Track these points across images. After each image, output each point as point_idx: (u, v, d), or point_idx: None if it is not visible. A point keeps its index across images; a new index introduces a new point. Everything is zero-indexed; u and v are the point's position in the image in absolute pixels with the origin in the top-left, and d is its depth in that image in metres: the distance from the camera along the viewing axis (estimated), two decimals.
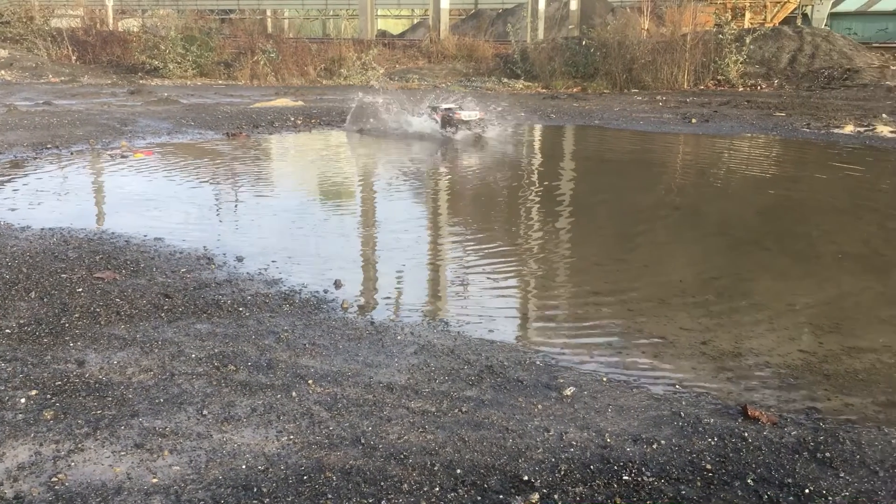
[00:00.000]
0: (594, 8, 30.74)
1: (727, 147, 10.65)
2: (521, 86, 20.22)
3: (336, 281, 4.79)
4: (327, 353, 3.70)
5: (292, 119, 12.53)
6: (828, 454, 2.90)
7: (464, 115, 10.99)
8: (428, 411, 3.15)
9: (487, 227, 6.42)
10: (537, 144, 11.57)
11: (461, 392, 3.35)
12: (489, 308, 4.48)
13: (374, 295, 4.70)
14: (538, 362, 3.71)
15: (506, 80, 21.00)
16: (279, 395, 3.23)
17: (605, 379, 3.55)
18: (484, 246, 5.86)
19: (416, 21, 38.00)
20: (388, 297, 4.67)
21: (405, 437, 2.93)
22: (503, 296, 4.73)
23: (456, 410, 3.17)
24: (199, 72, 20.87)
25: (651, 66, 19.48)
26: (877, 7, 31.39)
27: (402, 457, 2.79)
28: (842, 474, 2.75)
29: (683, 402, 3.33)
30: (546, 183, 8.17)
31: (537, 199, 7.40)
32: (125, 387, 3.27)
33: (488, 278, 5.05)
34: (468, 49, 23.11)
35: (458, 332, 4.07)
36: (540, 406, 3.24)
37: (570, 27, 28.59)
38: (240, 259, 5.23)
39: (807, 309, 4.53)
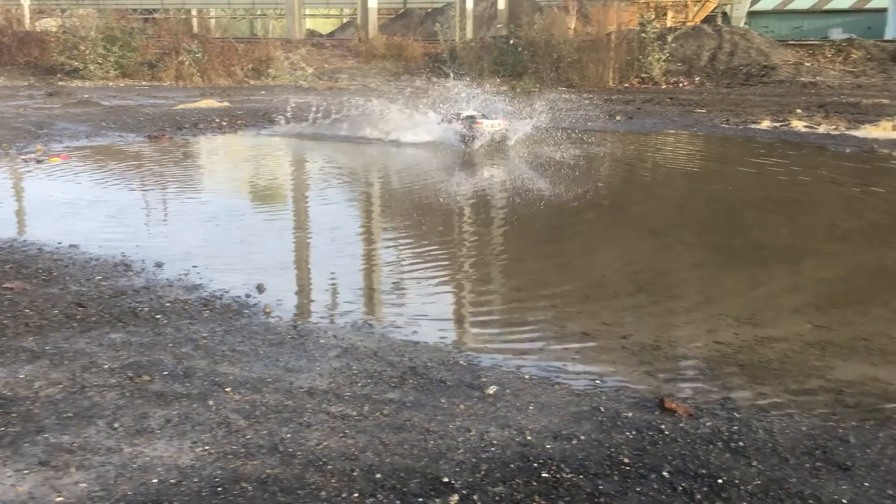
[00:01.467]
0: (522, 7, 31.00)
1: (650, 143, 10.87)
2: (450, 85, 20.24)
3: (259, 285, 4.70)
4: (247, 360, 3.63)
5: (217, 120, 12.29)
6: (741, 443, 2.97)
7: (486, 124, 9.80)
8: (349, 415, 3.12)
9: (415, 229, 6.40)
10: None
11: (383, 394, 3.32)
12: (415, 309, 4.46)
13: (298, 299, 4.64)
14: (462, 362, 3.70)
15: (435, 79, 21.00)
16: (195, 405, 3.14)
17: (527, 377, 3.57)
18: (412, 248, 5.85)
19: (345, 20, 37.74)
20: (313, 301, 4.61)
21: (325, 443, 2.88)
22: (429, 297, 4.72)
23: (377, 413, 3.14)
24: (121, 73, 20.31)
25: (578, 65, 19.77)
26: (792, 6, 32.56)
27: (320, 463, 2.74)
28: (754, 463, 2.82)
29: (604, 397, 3.37)
30: (474, 182, 8.19)
31: (465, 200, 7.42)
32: (31, 401, 3.14)
33: (415, 280, 5.04)
34: (397, 48, 23.06)
35: (383, 334, 4.04)
36: (462, 406, 3.23)
37: (498, 26, 28.80)
38: (159, 265, 5.09)
39: (724, 301, 4.64)
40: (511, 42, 21.12)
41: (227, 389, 3.29)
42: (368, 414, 3.14)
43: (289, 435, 2.93)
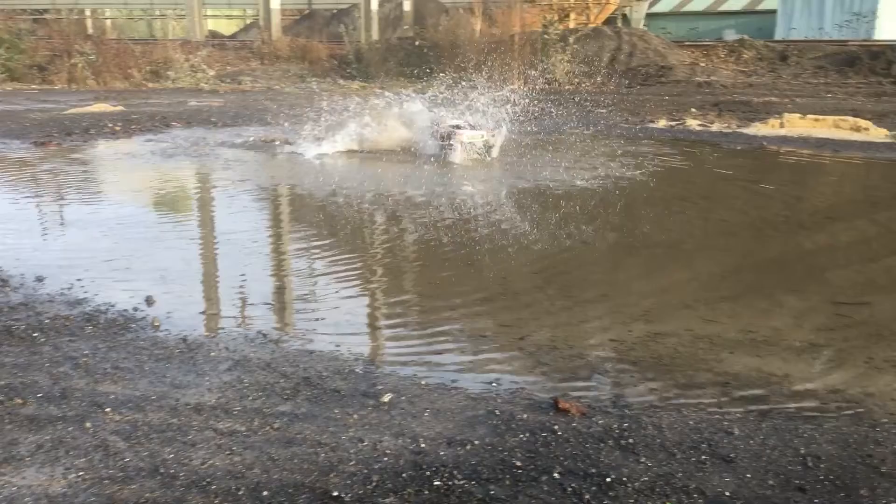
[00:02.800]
0: (428, 9, 31.06)
1: (552, 143, 11.02)
2: (356, 86, 20.09)
3: (148, 297, 4.52)
4: (131, 377, 3.47)
5: (110, 125, 11.82)
6: (631, 440, 3.01)
7: (465, 135, 8.98)
8: (237, 431, 3.01)
9: (317, 238, 6.29)
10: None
11: (275, 408, 3.22)
12: (312, 318, 4.37)
13: (189, 310, 4.46)
14: (358, 370, 3.64)
15: (341, 81, 20.85)
16: (71, 428, 2.97)
17: (424, 382, 3.54)
18: (311, 256, 5.74)
19: (248, 21, 36.98)
20: (205, 313, 4.46)
21: (210, 462, 2.77)
22: (328, 305, 4.63)
23: (267, 428, 3.05)
24: (8, 76, 19.36)
25: (483, 66, 19.94)
26: (688, 7, 33.71)
27: (204, 484, 2.64)
28: (642, 459, 2.86)
29: (499, 400, 3.37)
30: (375, 190, 8.12)
31: (369, 207, 7.33)
32: None
33: (313, 289, 4.94)
34: (302, 50, 22.76)
35: (278, 345, 3.93)
36: (356, 416, 3.17)
37: (404, 28, 28.78)
38: (40, 279, 4.83)
39: (618, 298, 4.73)
40: (416, 43, 21.14)
41: (107, 410, 3.13)
42: (258, 429, 3.04)
43: (171, 455, 2.81)
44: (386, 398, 3.34)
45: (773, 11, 29.55)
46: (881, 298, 4.67)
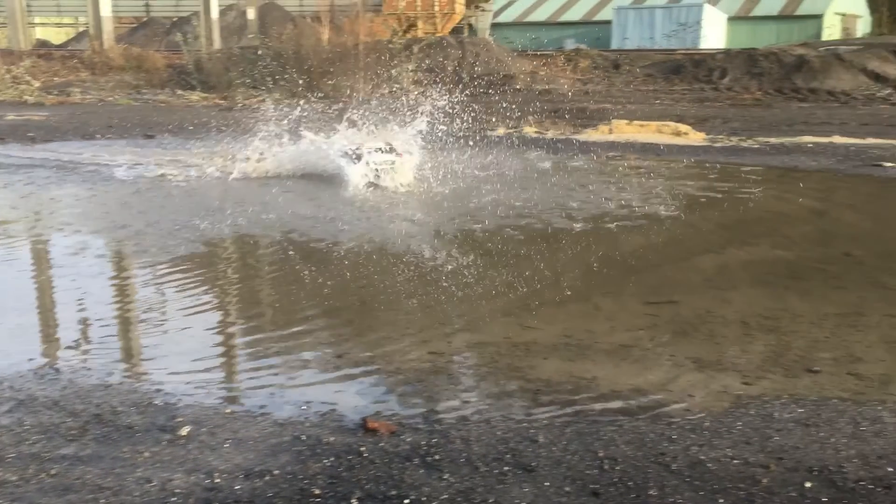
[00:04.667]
0: (273, 17, 30.48)
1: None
2: (197, 97, 19.41)
3: None
4: None
5: None
6: (437, 457, 2.96)
7: (373, 159, 8.21)
8: (7, 482, 2.73)
9: (135, 264, 5.93)
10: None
11: (56, 451, 2.96)
12: (113, 349, 4.08)
13: None
14: (158, 402, 3.41)
15: (181, 91, 20.06)
16: None
17: (229, 411, 3.36)
18: (123, 283, 5.40)
19: (81, 30, 35.03)
20: None
21: None
22: (132, 335, 4.35)
23: (43, 475, 2.78)
24: None
25: (329, 75, 19.74)
26: (531, 18, 34.86)
27: None
28: (446, 476, 2.82)
29: (307, 424, 3.24)
30: (225, 212, 7.80)
31: (209, 228, 7.01)
32: None
33: (118, 318, 4.63)
34: (137, 59, 21.77)
35: (71, 380, 3.63)
36: (147, 453, 2.95)
37: (249, 36, 28.11)
38: None
39: (439, 308, 4.70)
40: (259, 52, 20.65)
41: None
42: (32, 477, 2.77)
43: None
44: (184, 431, 3.14)
45: (610, 22, 31.07)
46: (688, 297, 4.90)
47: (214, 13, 24.65)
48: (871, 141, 11.57)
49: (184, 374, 3.74)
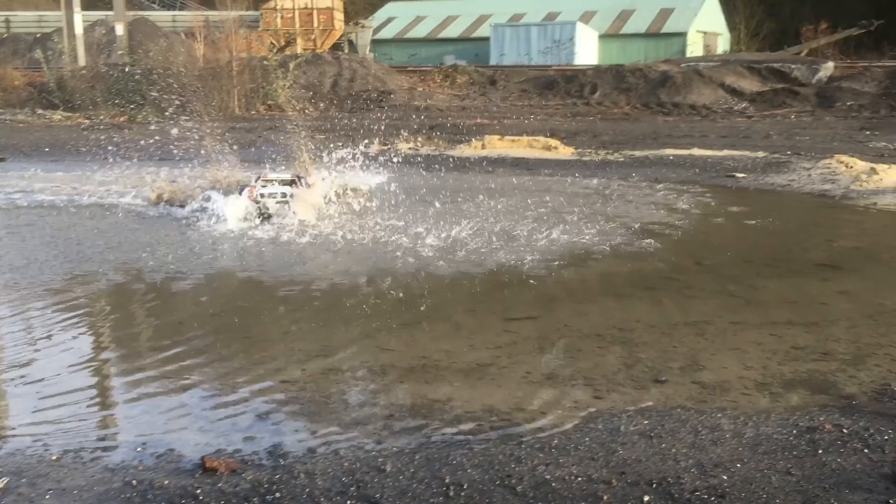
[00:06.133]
0: (143, 33, 29.42)
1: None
2: (59, 117, 18.47)
3: None
4: None
5: None
6: (279, 494, 2.84)
7: (266, 191, 7.65)
8: None
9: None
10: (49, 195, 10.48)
11: None
12: None
13: None
14: None
15: (42, 111, 19.05)
16: None
17: (55, 457, 3.12)
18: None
19: None
20: None
21: None
22: None
23: None
24: None
25: (202, 93, 19.17)
26: (410, 34, 35.07)
27: None
28: None
29: (141, 468, 3.05)
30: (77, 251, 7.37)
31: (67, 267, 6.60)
32: None
33: None
34: None
35: None
36: None
37: (119, 53, 27.00)
38: None
39: (297, 334, 4.57)
40: (127, 70, 19.87)
41: None
42: None
43: None
44: (0, 484, 2.89)
45: (488, 38, 31.61)
46: (546, 312, 4.95)
47: (79, 28, 23.52)
48: (726, 153, 12.20)
49: (4, 420, 3.46)
